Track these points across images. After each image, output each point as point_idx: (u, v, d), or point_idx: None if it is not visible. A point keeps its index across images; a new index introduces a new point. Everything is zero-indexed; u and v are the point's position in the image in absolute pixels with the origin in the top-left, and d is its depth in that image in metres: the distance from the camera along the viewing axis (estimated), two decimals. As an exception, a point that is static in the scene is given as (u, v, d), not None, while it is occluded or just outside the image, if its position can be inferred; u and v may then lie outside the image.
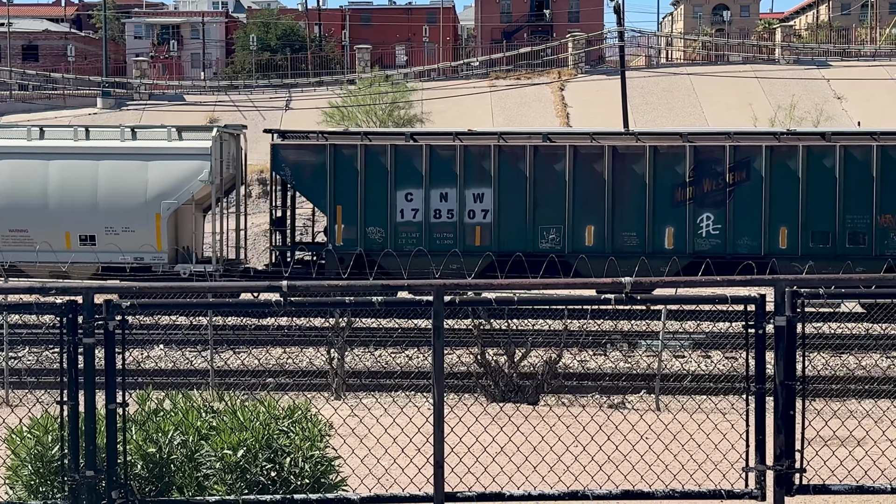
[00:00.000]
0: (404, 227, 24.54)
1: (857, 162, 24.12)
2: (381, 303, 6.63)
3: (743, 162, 24.34)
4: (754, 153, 24.30)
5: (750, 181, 24.27)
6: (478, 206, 24.54)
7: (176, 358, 19.69)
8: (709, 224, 24.39)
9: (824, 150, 24.24)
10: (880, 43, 67.77)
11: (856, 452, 8.19)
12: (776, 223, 24.19)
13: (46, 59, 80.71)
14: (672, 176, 24.33)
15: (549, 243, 24.33)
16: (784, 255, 23.73)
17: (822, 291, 6.73)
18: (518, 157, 24.49)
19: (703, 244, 24.27)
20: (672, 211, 24.28)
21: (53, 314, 6.39)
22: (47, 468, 6.35)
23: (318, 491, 6.49)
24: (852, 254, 23.69)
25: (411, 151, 24.60)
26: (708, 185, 24.34)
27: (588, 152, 24.51)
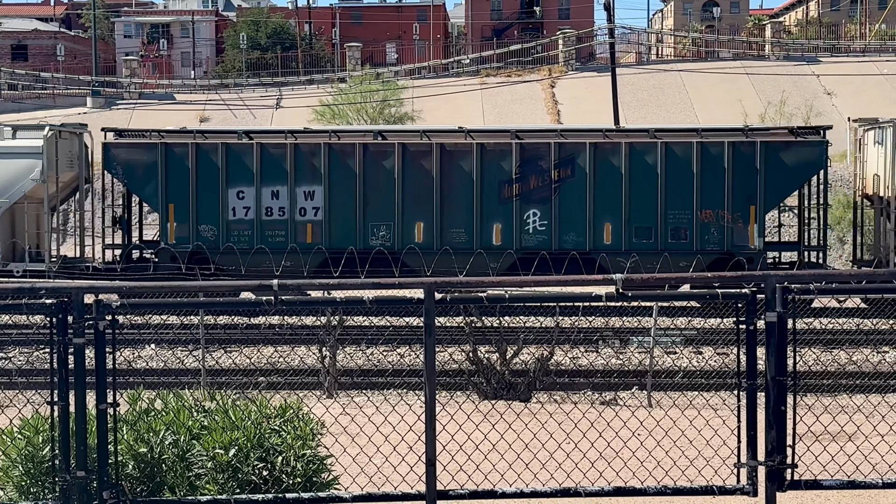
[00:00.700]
0: (236, 225, 24.90)
1: (678, 158, 24.43)
2: (373, 301, 6.62)
3: (568, 159, 24.63)
4: (579, 150, 24.60)
5: (575, 178, 24.59)
6: (309, 203, 24.88)
7: (167, 357, 19.66)
8: (535, 220, 24.70)
9: (646, 147, 24.58)
10: (869, 39, 67.91)
11: (847, 448, 8.21)
12: (601, 219, 24.53)
13: (36, 58, 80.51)
14: (499, 173, 24.63)
15: (379, 240, 24.68)
16: (609, 251, 24.05)
17: (812, 287, 6.74)
18: (348, 155, 24.81)
19: (530, 240, 24.58)
20: (499, 208, 24.60)
21: (43, 314, 6.37)
22: (38, 469, 6.33)
23: (310, 490, 6.48)
24: (674, 248, 24.00)
25: (243, 150, 24.97)
26: (534, 181, 24.64)
27: (417, 150, 24.82)
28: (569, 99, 57.17)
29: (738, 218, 24.29)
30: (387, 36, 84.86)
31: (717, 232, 24.31)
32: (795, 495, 6.80)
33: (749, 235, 24.32)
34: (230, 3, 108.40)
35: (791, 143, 24.49)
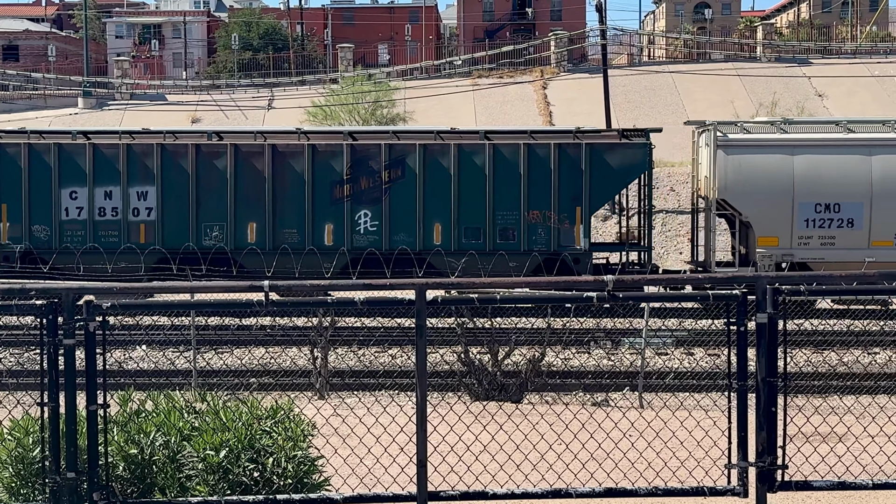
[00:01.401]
0: (70, 225, 25.18)
1: (506, 160, 24.72)
2: (364, 302, 6.62)
3: (398, 160, 24.95)
4: (409, 151, 24.91)
5: (405, 179, 24.91)
6: (142, 203, 25.16)
7: (158, 358, 19.62)
8: (366, 221, 25.02)
9: (475, 149, 24.86)
10: (861, 40, 68.09)
11: (837, 448, 8.22)
12: (430, 220, 24.81)
13: (27, 58, 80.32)
14: (331, 174, 24.93)
15: (212, 240, 24.98)
16: (439, 251, 24.33)
17: (803, 288, 6.75)
18: (181, 156, 25.09)
19: (362, 241, 24.88)
20: (331, 208, 24.90)
21: (34, 315, 6.35)
22: (28, 470, 6.31)
23: (301, 491, 6.47)
24: (503, 249, 24.19)
25: (76, 150, 25.25)
26: (365, 182, 24.97)
27: (249, 150, 25.11)
28: (561, 100, 57.22)
29: (564, 219, 24.62)
30: (379, 37, 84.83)
31: (545, 233, 24.62)
32: (786, 496, 6.81)
33: (575, 236, 24.64)
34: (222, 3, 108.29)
35: (616, 145, 24.80)
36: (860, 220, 23.91)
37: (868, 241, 23.90)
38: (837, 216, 23.96)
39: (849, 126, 24.77)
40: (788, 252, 24.05)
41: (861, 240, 23.93)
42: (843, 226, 23.96)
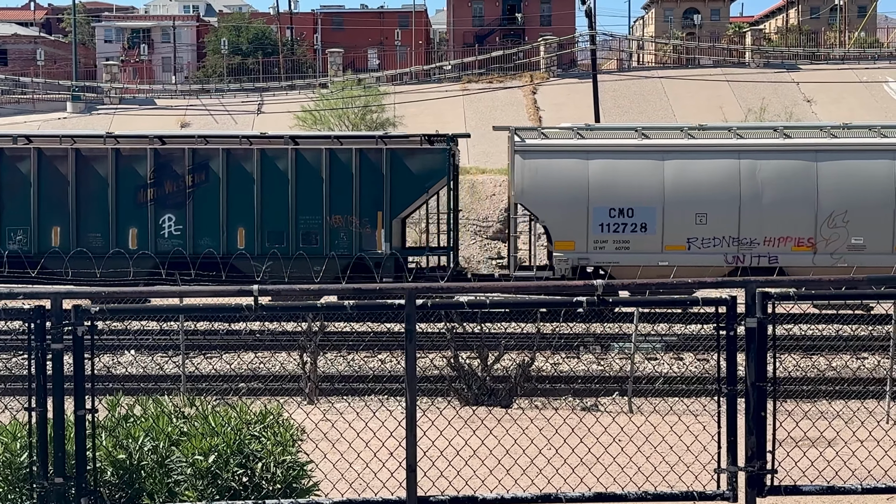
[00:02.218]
0: None
1: (309, 165, 25.06)
2: (353, 307, 6.61)
3: (202, 164, 25.28)
4: (212, 156, 25.23)
5: (209, 183, 25.23)
6: None
7: (146, 363, 19.57)
8: (171, 225, 25.32)
9: (278, 153, 25.20)
10: (849, 46, 68.33)
11: (826, 453, 8.23)
12: (234, 224, 25.17)
13: (16, 62, 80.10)
14: (135, 177, 25.22)
15: (17, 244, 25.28)
16: (243, 255, 24.64)
17: (792, 293, 6.76)
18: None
19: (166, 244, 25.17)
20: (136, 212, 25.19)
21: (21, 320, 6.32)
22: (16, 475, 6.28)
23: (291, 496, 6.45)
24: (306, 253, 24.53)
25: None
26: (169, 186, 25.28)
27: (54, 154, 25.39)
28: (550, 105, 57.29)
29: (366, 223, 24.97)
30: (369, 42, 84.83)
31: (347, 237, 24.96)
32: (775, 500, 6.81)
33: (377, 240, 24.96)
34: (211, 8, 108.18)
35: (416, 150, 25.15)
36: (653, 225, 24.14)
37: (661, 246, 24.15)
38: (631, 221, 24.20)
39: (643, 132, 25.02)
40: (584, 256, 24.33)
41: (654, 244, 24.17)
42: (637, 230, 24.17)
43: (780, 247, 24.05)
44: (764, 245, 24.05)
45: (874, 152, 24.11)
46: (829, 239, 24.01)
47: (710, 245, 24.05)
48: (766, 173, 24.08)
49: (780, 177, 24.10)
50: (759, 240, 24.03)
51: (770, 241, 24.03)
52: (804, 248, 24.04)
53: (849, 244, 23.95)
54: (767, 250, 24.07)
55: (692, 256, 24.05)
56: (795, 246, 24.06)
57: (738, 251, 24.10)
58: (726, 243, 24.04)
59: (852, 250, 23.93)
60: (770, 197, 24.01)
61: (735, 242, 24.06)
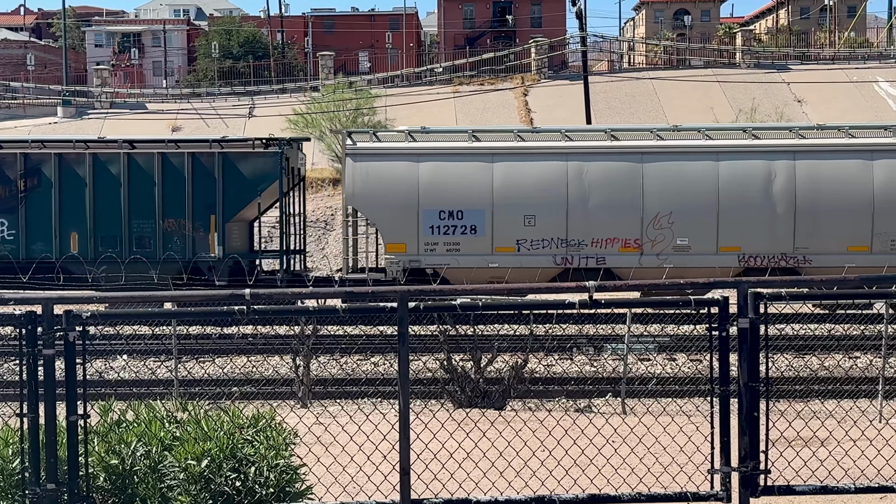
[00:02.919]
0: None
1: (141, 169, 25.28)
2: (345, 310, 6.60)
3: (34, 169, 25.47)
4: (45, 160, 25.42)
5: (42, 188, 25.43)
6: None
7: (138, 368, 19.53)
8: (4, 230, 25.58)
9: (111, 158, 25.40)
10: (839, 46, 68.50)
11: (819, 453, 8.24)
12: (67, 228, 25.37)
13: (6, 67, 79.92)
14: None
15: None
16: (76, 260, 24.83)
17: (784, 293, 6.77)
18: None
19: (0, 249, 25.39)
20: None
21: (12, 325, 6.30)
22: (8, 482, 6.26)
23: (284, 500, 6.44)
24: (140, 257, 24.64)
25: None
26: (1, 191, 25.52)
27: None
28: (542, 107, 57.33)
29: (199, 227, 25.12)
30: (359, 45, 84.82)
31: (181, 241, 25.11)
32: (769, 501, 6.82)
33: (210, 244, 25.13)
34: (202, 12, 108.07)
35: (249, 154, 25.29)
36: (483, 227, 24.28)
37: (492, 248, 24.30)
38: (461, 223, 24.36)
39: (474, 135, 25.17)
40: (416, 258, 24.45)
41: (484, 246, 24.29)
42: (467, 232, 24.33)
43: (608, 248, 24.31)
44: (592, 246, 24.28)
45: (698, 153, 24.34)
46: (654, 240, 24.26)
47: (540, 246, 24.26)
48: (592, 175, 24.29)
49: (607, 178, 24.32)
50: (587, 241, 24.25)
51: (597, 242, 24.26)
52: (631, 249, 24.29)
53: (674, 245, 24.20)
54: (595, 251, 24.31)
55: (522, 258, 24.20)
56: (622, 247, 24.32)
57: (566, 252, 24.31)
58: (555, 245, 24.25)
59: (678, 251, 24.18)
60: (597, 198, 24.26)
61: (563, 244, 24.27)
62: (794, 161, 24.15)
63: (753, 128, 25.28)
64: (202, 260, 24.87)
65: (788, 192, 24.05)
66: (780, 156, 24.19)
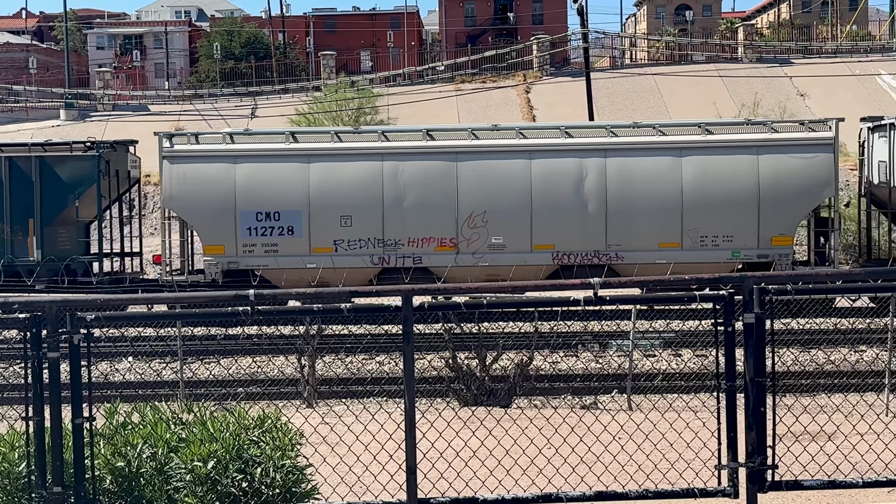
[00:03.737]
0: None
1: None
2: (350, 310, 6.58)
3: None
4: None
5: None
6: None
7: (144, 369, 19.54)
8: None
9: None
10: (841, 40, 68.40)
11: (827, 447, 8.22)
12: None
13: (8, 71, 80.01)
14: None
15: None
16: None
17: (789, 287, 6.75)
18: None
19: None
20: None
21: (17, 329, 6.30)
22: (14, 485, 6.25)
23: (290, 501, 6.43)
24: None
25: None
26: None
27: None
28: (544, 104, 57.29)
29: (18, 231, 25.09)
30: (361, 44, 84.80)
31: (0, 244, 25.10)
32: (776, 496, 6.80)
33: (29, 248, 25.15)
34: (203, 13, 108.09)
35: (66, 157, 25.31)
36: (300, 228, 24.41)
37: (309, 248, 24.43)
38: (278, 224, 24.47)
39: (293, 136, 25.26)
40: (234, 260, 24.53)
41: (302, 247, 24.42)
42: (285, 233, 24.44)
43: (424, 247, 24.43)
44: (408, 246, 24.42)
45: (512, 153, 24.44)
46: (470, 239, 24.36)
47: (357, 247, 24.43)
48: (407, 175, 24.43)
49: (422, 178, 24.44)
50: (403, 241, 24.40)
51: (414, 241, 24.40)
52: (447, 248, 24.41)
53: (489, 244, 24.30)
54: (412, 251, 24.44)
55: (340, 258, 24.32)
56: (438, 246, 24.43)
57: (383, 252, 24.48)
58: (372, 245, 24.42)
59: (493, 249, 24.30)
60: (412, 198, 24.39)
61: (380, 244, 24.44)
62: (605, 159, 24.35)
63: (566, 127, 25.41)
64: (20, 263, 24.93)
65: (600, 189, 24.25)
66: (591, 154, 24.39)
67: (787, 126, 25.35)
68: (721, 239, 24.00)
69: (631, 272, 23.47)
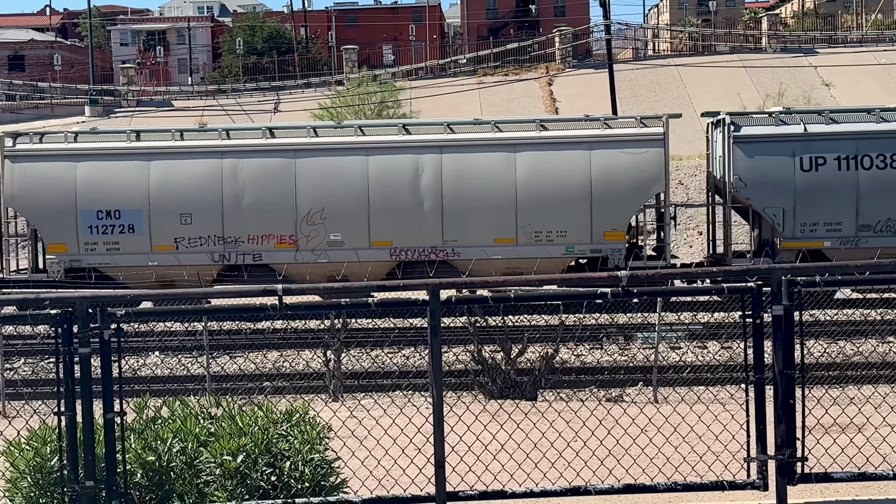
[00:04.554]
0: None
1: None
2: (377, 304, 6.60)
3: None
4: None
5: None
6: None
7: (172, 364, 19.65)
8: None
9: None
10: (866, 29, 67.86)
11: (857, 439, 8.18)
12: None
13: (33, 68, 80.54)
14: None
15: None
16: None
17: (818, 279, 6.72)
18: None
19: None
20: None
21: (48, 324, 6.35)
22: (47, 479, 6.31)
23: (319, 494, 6.45)
24: None
25: None
26: None
27: None
28: (566, 96, 57.14)
29: None
30: (383, 37, 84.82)
31: None
32: (806, 488, 6.77)
33: None
34: (225, 8, 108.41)
35: None
36: (140, 226, 24.46)
37: (150, 246, 24.50)
38: (119, 222, 24.53)
39: (135, 134, 25.21)
40: (76, 258, 24.59)
41: (143, 245, 24.49)
42: (126, 231, 24.49)
43: (264, 244, 24.54)
44: (248, 243, 24.53)
45: (350, 150, 24.56)
46: (309, 236, 24.45)
47: (198, 244, 24.55)
48: (247, 173, 24.54)
49: (261, 176, 24.53)
50: (243, 238, 24.50)
51: (254, 238, 24.52)
52: (287, 245, 24.52)
53: (328, 240, 24.40)
54: (252, 248, 24.55)
55: (181, 256, 24.42)
56: (278, 243, 24.55)
57: (224, 250, 24.57)
58: (212, 242, 24.53)
59: (332, 246, 24.40)
60: (251, 196, 24.48)
61: (220, 241, 24.54)
62: (441, 155, 24.41)
63: (404, 124, 25.50)
64: None
65: (436, 186, 24.31)
66: (427, 150, 24.45)
67: (622, 122, 25.40)
68: (555, 234, 24.14)
69: (467, 267, 23.76)
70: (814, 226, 24.08)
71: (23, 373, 19.05)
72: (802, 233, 24.09)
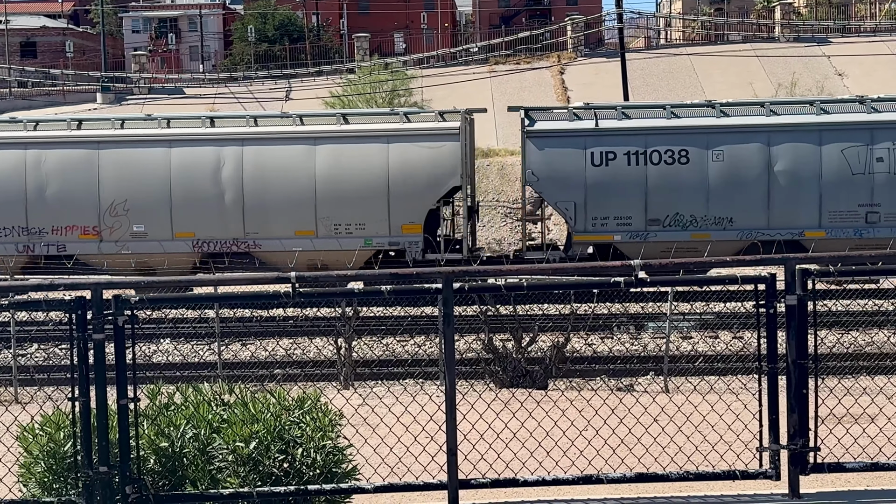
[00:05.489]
0: None
1: None
2: (390, 292, 6.60)
3: None
4: None
5: None
6: None
7: (185, 351, 19.70)
8: None
9: None
10: (880, 18, 67.49)
11: (869, 429, 8.16)
12: None
13: (45, 55, 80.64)
14: None
15: None
16: None
17: (832, 269, 6.70)
18: None
19: None
20: None
21: (62, 310, 6.37)
22: (60, 465, 6.33)
23: (332, 481, 6.47)
24: None
25: None
26: None
27: None
28: (578, 85, 56.99)
29: None
30: (395, 26, 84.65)
31: None
32: (818, 478, 6.76)
33: None
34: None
35: None
36: None
37: None
38: None
39: None
40: None
41: None
42: None
43: (68, 235, 24.78)
44: (53, 234, 24.78)
45: (151, 142, 24.75)
46: (112, 227, 24.73)
47: (2, 235, 24.87)
48: (50, 164, 24.77)
49: (65, 168, 24.76)
50: (47, 229, 24.75)
51: (58, 229, 24.77)
52: (90, 236, 24.79)
53: (131, 232, 24.66)
54: (56, 239, 24.81)
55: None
56: (82, 234, 24.82)
57: (28, 241, 24.88)
58: (17, 233, 24.84)
59: (135, 238, 24.68)
60: (55, 187, 24.71)
61: (25, 232, 24.84)
62: (242, 148, 24.64)
63: (209, 116, 25.75)
64: None
65: (237, 178, 24.57)
66: (229, 143, 24.73)
67: (422, 116, 25.54)
68: (354, 227, 24.44)
69: (270, 259, 24.07)
70: (605, 220, 24.18)
71: (36, 359, 19.13)
72: (594, 227, 24.22)
